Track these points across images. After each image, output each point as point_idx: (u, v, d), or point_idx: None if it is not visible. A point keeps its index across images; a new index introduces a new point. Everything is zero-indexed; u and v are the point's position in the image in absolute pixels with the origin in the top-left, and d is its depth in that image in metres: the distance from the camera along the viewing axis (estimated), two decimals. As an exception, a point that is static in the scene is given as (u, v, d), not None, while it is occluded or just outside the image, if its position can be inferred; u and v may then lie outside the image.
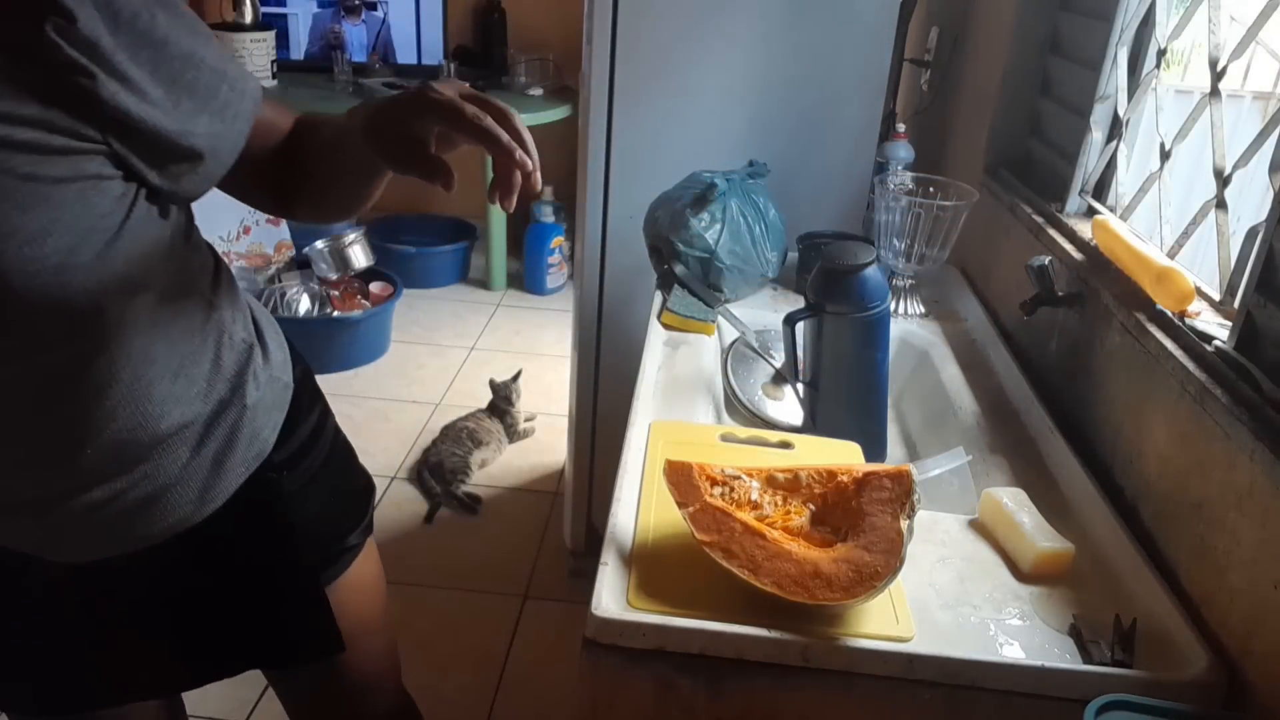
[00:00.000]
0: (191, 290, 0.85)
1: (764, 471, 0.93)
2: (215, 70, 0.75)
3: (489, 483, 2.65)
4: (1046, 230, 1.38)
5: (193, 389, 0.85)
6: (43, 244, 0.68)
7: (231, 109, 0.77)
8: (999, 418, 1.27)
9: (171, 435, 0.84)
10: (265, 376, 0.93)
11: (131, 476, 0.84)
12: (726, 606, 0.85)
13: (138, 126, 0.70)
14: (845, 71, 1.77)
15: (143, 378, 0.80)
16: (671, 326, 1.44)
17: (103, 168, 0.70)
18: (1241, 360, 0.90)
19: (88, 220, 0.71)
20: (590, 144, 1.80)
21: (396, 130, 0.73)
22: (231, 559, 0.96)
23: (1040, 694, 0.82)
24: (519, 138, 0.72)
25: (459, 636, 2.10)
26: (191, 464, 0.87)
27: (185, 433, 0.86)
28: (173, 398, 0.83)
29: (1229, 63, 1.09)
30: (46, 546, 0.88)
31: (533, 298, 3.83)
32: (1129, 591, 0.94)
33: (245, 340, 0.91)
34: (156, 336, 0.81)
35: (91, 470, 0.82)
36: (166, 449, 0.85)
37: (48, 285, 0.70)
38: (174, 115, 0.72)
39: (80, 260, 0.71)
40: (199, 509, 0.90)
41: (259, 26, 3.58)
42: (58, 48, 0.64)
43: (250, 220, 3.22)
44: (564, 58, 3.80)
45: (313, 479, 1.00)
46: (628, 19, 1.70)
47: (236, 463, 0.91)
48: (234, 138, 0.79)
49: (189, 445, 0.86)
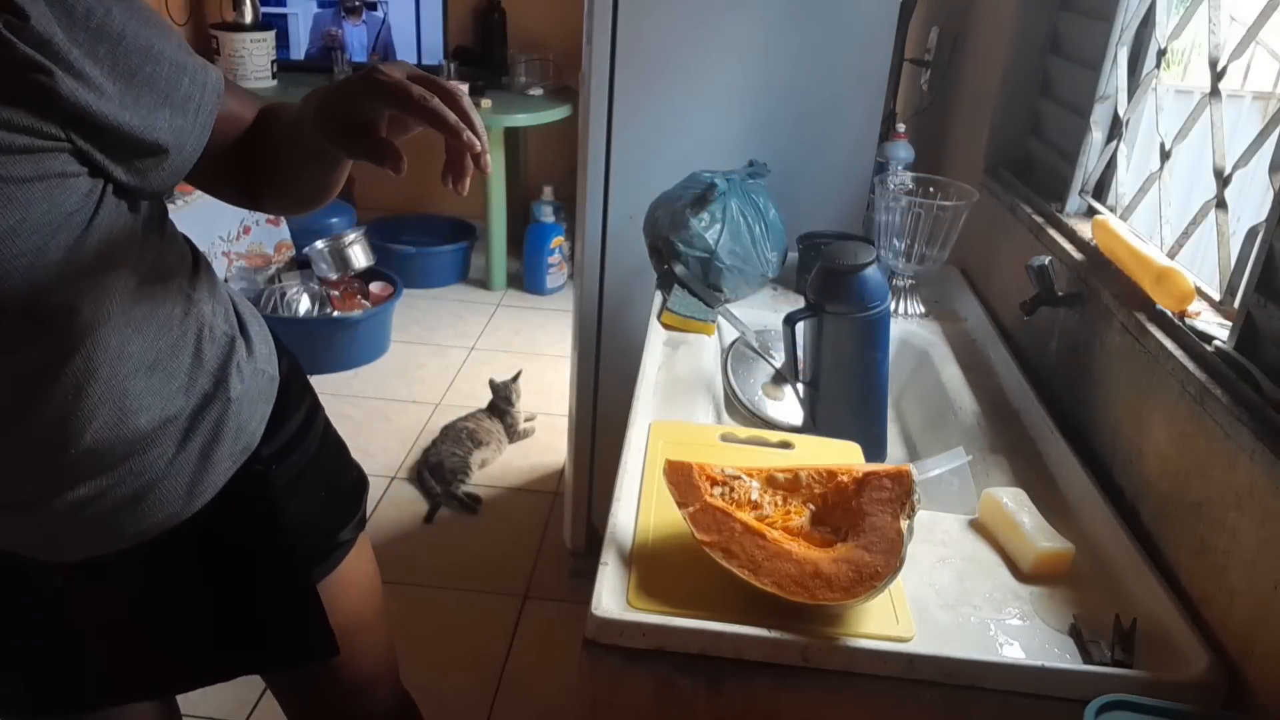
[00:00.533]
0: (168, 284, 0.85)
1: (764, 471, 0.93)
2: (175, 63, 0.75)
3: (489, 483, 2.65)
4: (1046, 230, 1.38)
5: (174, 383, 0.85)
6: (10, 244, 0.68)
7: (194, 102, 0.77)
8: (999, 418, 1.27)
9: (155, 430, 0.84)
10: (249, 369, 0.93)
11: (117, 473, 0.83)
12: (726, 606, 0.85)
13: (98, 122, 0.69)
14: (845, 71, 1.77)
15: (120, 373, 0.80)
16: (671, 326, 1.44)
17: (67, 165, 0.70)
18: (1241, 360, 0.90)
19: (55, 219, 0.70)
20: (590, 144, 1.80)
21: (346, 114, 0.73)
22: (221, 554, 0.95)
23: (1040, 694, 0.82)
24: (467, 119, 0.71)
25: (459, 636, 2.10)
26: (178, 459, 0.87)
27: (169, 427, 0.85)
28: (152, 392, 0.83)
29: (1229, 63, 1.09)
30: (35, 546, 0.88)
31: (533, 298, 3.83)
32: (1129, 591, 0.94)
33: (227, 333, 0.91)
34: (132, 332, 0.81)
35: (76, 469, 0.81)
36: (151, 444, 0.84)
37: (16, 285, 0.70)
38: (135, 110, 0.71)
39: (49, 259, 0.71)
40: (188, 504, 0.89)
41: (259, 26, 3.58)
42: (12, 45, 0.64)
43: (250, 220, 3.22)
44: (564, 58, 3.80)
45: (302, 473, 1.00)
46: (628, 19, 1.70)
47: (223, 456, 0.90)
48: (198, 131, 0.78)
49: (174, 440, 0.86)
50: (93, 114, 0.69)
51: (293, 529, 0.98)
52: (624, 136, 1.79)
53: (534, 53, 3.83)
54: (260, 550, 0.97)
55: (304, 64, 3.82)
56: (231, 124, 0.84)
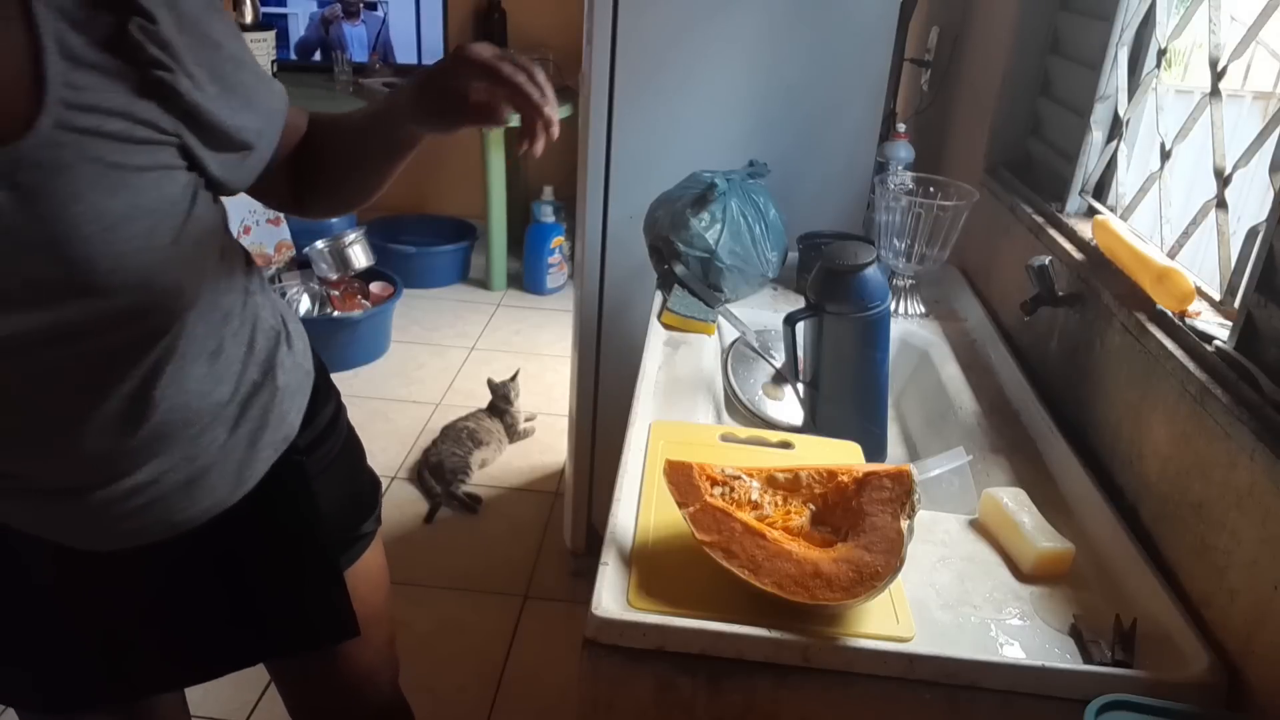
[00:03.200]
0: (233, 277, 0.91)
1: (764, 471, 0.93)
2: (255, 72, 0.84)
3: (489, 483, 2.65)
4: (1046, 230, 1.38)
5: (230, 370, 0.90)
6: (127, 227, 0.74)
7: (268, 106, 0.86)
8: (999, 418, 1.27)
9: (210, 415, 0.89)
10: (290, 362, 0.97)
11: (173, 457, 0.87)
12: (727, 606, 0.85)
13: (205, 119, 0.77)
14: (845, 71, 1.77)
15: (189, 356, 0.85)
16: (672, 326, 1.44)
17: (173, 159, 0.77)
18: (1242, 360, 0.90)
19: (162, 206, 0.77)
20: (590, 144, 1.80)
21: (444, 86, 0.83)
22: (259, 541, 0.99)
23: (1040, 694, 0.82)
24: (543, 92, 0.81)
25: (459, 636, 2.10)
26: (228, 444, 0.91)
27: (223, 413, 0.90)
28: (213, 377, 0.88)
29: (1229, 63, 1.09)
30: (80, 534, 0.90)
31: (533, 298, 3.83)
32: (1129, 591, 0.94)
33: (274, 326, 0.96)
34: (206, 319, 0.86)
35: (139, 452, 0.85)
36: (205, 429, 0.89)
37: (130, 268, 0.75)
38: (228, 110, 0.79)
39: (156, 243, 0.77)
40: (234, 491, 0.93)
41: (259, 26, 3.58)
42: (142, 46, 0.72)
43: (250, 220, 3.22)
44: (564, 58, 3.80)
45: (331, 465, 1.04)
46: (628, 19, 1.70)
47: (267, 444, 0.95)
48: (272, 133, 0.87)
49: (226, 426, 0.90)
50: (201, 111, 0.76)
51: (323, 518, 1.03)
52: (624, 136, 1.79)
53: (534, 53, 3.82)
54: (296, 538, 1.01)
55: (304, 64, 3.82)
56: (292, 131, 0.93)
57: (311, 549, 1.03)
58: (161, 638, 0.99)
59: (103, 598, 0.95)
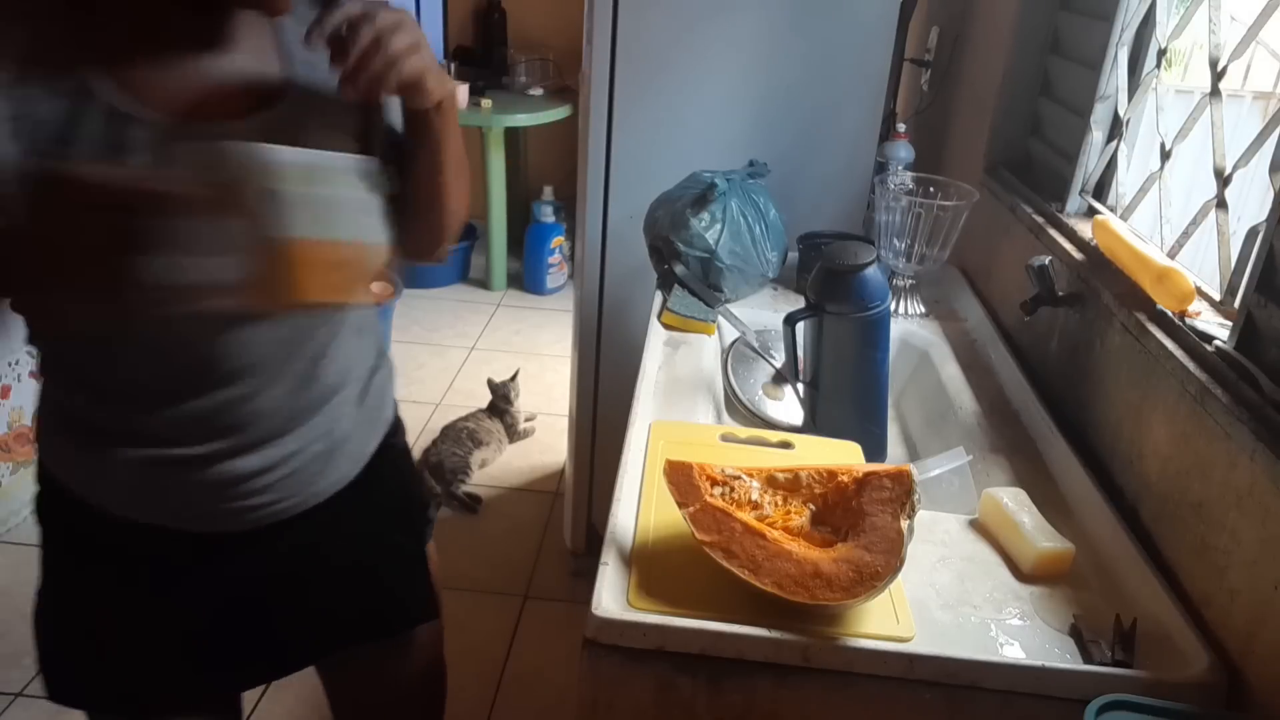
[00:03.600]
0: None
1: (764, 471, 0.93)
2: None
3: (489, 483, 2.65)
4: (1046, 230, 1.38)
5: (364, 346, 0.99)
6: None
7: None
8: (999, 418, 1.27)
9: (348, 387, 0.96)
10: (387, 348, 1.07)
11: (318, 427, 0.93)
12: (727, 606, 0.85)
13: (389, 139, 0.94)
14: (845, 71, 1.77)
15: (348, 327, 0.95)
16: (672, 326, 1.44)
17: None
18: (1242, 360, 0.90)
19: None
20: (590, 144, 1.80)
21: None
22: (357, 522, 1.02)
23: (1040, 694, 0.82)
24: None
25: (459, 636, 2.09)
26: (356, 417, 0.98)
27: (354, 387, 0.98)
28: (357, 352, 0.98)
29: (1229, 63, 1.09)
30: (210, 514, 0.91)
31: (533, 298, 3.83)
32: (1129, 591, 0.94)
33: (377, 314, 1.06)
34: None
35: (303, 413, 0.92)
36: (344, 401, 0.96)
37: None
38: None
39: None
40: (355, 465, 1.00)
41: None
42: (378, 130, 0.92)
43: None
44: (564, 58, 3.80)
45: (406, 451, 1.13)
46: (628, 19, 1.70)
47: (379, 422, 1.04)
48: None
49: (353, 401, 0.98)
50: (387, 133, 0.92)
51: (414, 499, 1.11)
52: (624, 136, 1.79)
53: (534, 53, 3.83)
54: (395, 514, 1.08)
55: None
56: None
57: (406, 528, 1.10)
58: (259, 629, 1.00)
59: (207, 587, 0.95)
